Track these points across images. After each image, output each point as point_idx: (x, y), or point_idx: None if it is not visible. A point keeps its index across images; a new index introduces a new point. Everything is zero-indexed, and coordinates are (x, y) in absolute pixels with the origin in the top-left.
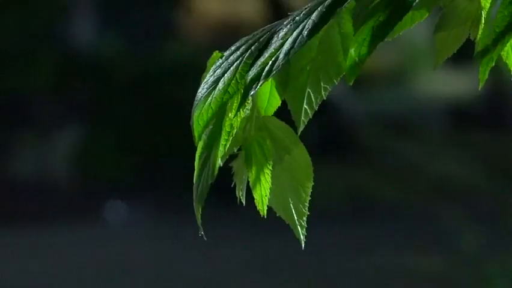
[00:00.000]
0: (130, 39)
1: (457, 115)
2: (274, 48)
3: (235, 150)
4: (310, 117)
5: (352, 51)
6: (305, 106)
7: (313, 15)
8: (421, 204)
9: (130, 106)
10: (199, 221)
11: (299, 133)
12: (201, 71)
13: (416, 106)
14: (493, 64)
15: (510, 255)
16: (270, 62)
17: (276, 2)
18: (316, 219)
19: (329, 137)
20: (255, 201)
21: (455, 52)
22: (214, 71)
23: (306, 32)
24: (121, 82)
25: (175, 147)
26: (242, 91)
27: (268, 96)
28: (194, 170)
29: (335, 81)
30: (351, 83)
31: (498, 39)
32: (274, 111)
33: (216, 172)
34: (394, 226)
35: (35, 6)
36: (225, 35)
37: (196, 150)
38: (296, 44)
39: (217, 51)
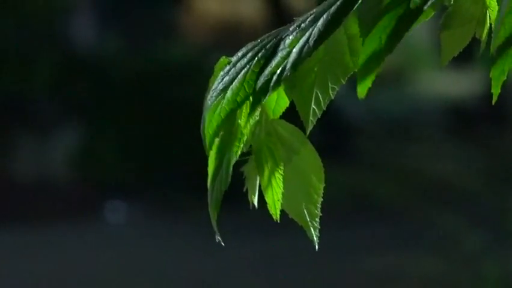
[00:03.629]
0: (130, 39)
1: (458, 115)
2: (281, 57)
3: (245, 150)
4: (319, 117)
5: (361, 62)
6: (313, 106)
7: (319, 23)
8: (421, 204)
9: (130, 106)
10: (215, 227)
11: (308, 133)
12: (201, 70)
13: (416, 106)
14: (505, 77)
15: (510, 256)
16: (278, 72)
17: (276, 2)
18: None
19: (329, 137)
20: (268, 205)
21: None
22: (222, 78)
23: (312, 42)
24: (121, 82)
25: (175, 147)
26: (251, 99)
27: (276, 98)
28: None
29: (342, 81)
30: (363, 96)
31: (506, 47)
32: (282, 112)
33: (229, 179)
34: (393, 227)
35: (35, 6)
36: (225, 35)
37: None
38: (303, 53)
39: (224, 56)
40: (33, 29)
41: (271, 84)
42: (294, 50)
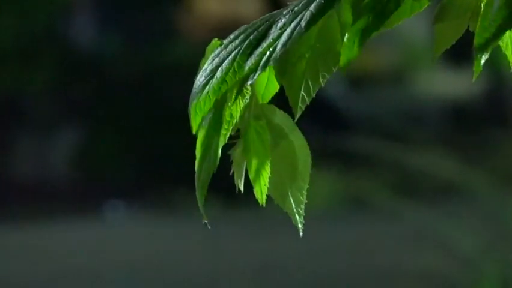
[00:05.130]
0: (130, 39)
1: (457, 115)
2: (272, 39)
3: (232, 133)
4: (308, 103)
5: (346, 40)
6: (303, 93)
7: (312, 6)
8: (421, 204)
9: (130, 106)
10: (202, 209)
11: (296, 119)
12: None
13: (415, 106)
14: (488, 56)
15: (510, 256)
16: (268, 52)
17: (276, 2)
18: (317, 220)
19: (328, 137)
20: (254, 190)
21: (455, 52)
22: (213, 60)
23: (304, 23)
24: (121, 82)
25: (175, 147)
26: (240, 81)
27: (266, 82)
28: (194, 169)
29: (333, 69)
30: (344, 73)
31: (497, 33)
32: (272, 98)
33: (217, 162)
34: (393, 226)
35: (35, 6)
36: (225, 35)
37: (194, 142)
38: (294, 34)
39: (216, 38)
40: (33, 29)
41: (261, 64)
42: (286, 31)
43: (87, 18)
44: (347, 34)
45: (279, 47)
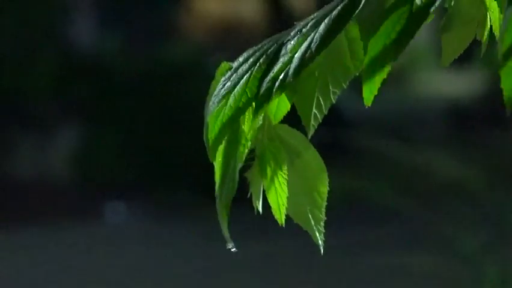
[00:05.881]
0: (130, 39)
1: (457, 115)
2: (283, 63)
3: (247, 156)
4: (320, 121)
5: (365, 67)
6: (314, 110)
7: (321, 29)
8: (421, 205)
9: (130, 106)
10: (225, 233)
11: (309, 137)
12: (201, 70)
13: (416, 106)
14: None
15: (510, 256)
16: (280, 77)
17: (277, 2)
18: None
19: (328, 138)
20: (272, 210)
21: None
22: (224, 84)
23: (314, 47)
24: (120, 82)
25: (175, 147)
26: (253, 106)
27: (278, 102)
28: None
29: (343, 85)
30: (370, 103)
31: (508, 54)
32: (284, 116)
33: (236, 186)
34: (392, 226)
35: (35, 6)
36: (225, 35)
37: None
38: (305, 59)
39: (224, 62)
40: (33, 29)
41: (274, 90)
42: (296, 55)
43: (87, 18)
44: (364, 67)
45: (290, 72)
